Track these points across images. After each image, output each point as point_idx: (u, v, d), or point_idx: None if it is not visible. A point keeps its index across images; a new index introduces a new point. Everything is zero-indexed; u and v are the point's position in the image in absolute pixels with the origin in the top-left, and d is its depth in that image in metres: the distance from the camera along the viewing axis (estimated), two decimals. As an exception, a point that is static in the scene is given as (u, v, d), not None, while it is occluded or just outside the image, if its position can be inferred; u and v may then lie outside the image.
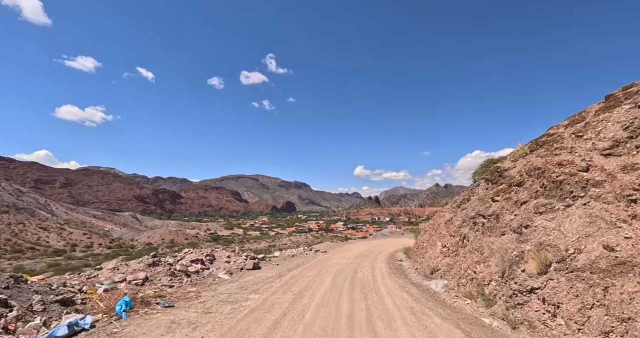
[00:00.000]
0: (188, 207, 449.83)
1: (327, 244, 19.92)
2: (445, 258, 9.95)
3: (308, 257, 13.71)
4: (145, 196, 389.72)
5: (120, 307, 4.65)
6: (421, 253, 13.24)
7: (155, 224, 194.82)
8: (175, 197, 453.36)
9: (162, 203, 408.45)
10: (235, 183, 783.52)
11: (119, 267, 6.91)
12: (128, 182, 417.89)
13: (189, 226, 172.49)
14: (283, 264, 11.24)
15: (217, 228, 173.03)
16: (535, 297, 5.23)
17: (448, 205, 15.17)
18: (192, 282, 7.19)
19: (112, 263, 7.09)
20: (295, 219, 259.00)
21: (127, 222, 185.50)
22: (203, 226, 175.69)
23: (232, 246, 72.10)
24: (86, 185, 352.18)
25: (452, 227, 10.55)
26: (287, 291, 6.88)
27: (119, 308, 4.63)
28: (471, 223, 9.22)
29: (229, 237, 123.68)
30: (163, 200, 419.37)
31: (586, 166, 6.52)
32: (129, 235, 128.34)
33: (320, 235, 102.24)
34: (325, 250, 16.18)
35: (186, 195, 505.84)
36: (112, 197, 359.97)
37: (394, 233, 36.41)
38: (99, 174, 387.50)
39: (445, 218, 12.88)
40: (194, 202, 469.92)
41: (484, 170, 13.09)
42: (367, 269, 10.62)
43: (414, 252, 15.29)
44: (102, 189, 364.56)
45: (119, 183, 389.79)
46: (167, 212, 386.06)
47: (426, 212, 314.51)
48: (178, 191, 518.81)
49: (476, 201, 10.29)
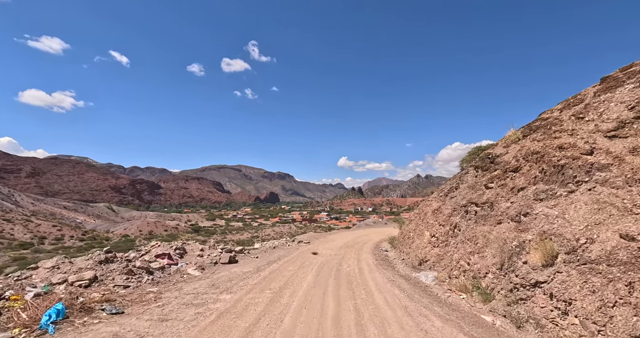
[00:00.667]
0: (168, 198, 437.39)
1: (310, 235, 19.26)
2: (434, 249, 9.47)
3: (290, 248, 12.97)
4: (121, 186, 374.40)
5: (47, 318, 3.67)
6: (407, 244, 12.81)
7: (132, 215, 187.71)
8: (154, 187, 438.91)
9: (139, 194, 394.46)
10: (217, 174, 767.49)
11: (60, 265, 5.79)
12: (102, 171, 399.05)
13: (168, 217, 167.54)
14: (263, 257, 10.43)
15: (199, 219, 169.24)
16: (541, 292, 4.71)
17: (434, 194, 14.78)
18: (154, 280, 6.24)
19: (52, 261, 5.95)
20: (279, 210, 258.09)
21: (101, 213, 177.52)
22: (183, 217, 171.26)
23: (214, 237, 70.36)
24: (56, 174, 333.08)
25: (441, 216, 10.06)
26: (265, 289, 6.09)
27: (45, 320, 3.65)
28: (462, 211, 8.73)
29: (211, 228, 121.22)
30: (141, 190, 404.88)
31: (590, 149, 6.03)
32: (103, 227, 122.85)
33: (304, 225, 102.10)
34: (309, 241, 15.50)
35: (165, 185, 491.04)
36: (85, 187, 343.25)
37: (377, 223, 36.42)
38: (69, 163, 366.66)
39: (432, 207, 12.45)
40: (174, 192, 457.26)
41: (472, 157, 12.67)
42: (353, 261, 10.01)
43: (399, 242, 14.90)
44: (74, 179, 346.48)
45: (93, 173, 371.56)
46: (146, 203, 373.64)
47: (407, 202, 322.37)
48: (157, 181, 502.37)
49: (466, 189, 9.81)
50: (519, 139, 9.29)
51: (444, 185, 14.27)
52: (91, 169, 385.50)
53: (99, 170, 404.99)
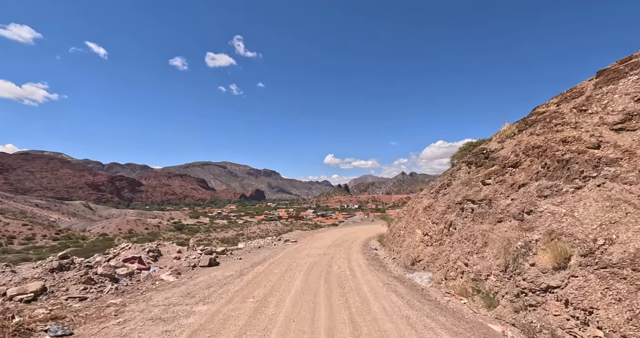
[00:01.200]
0: (149, 195, 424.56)
1: (297, 233, 18.62)
2: (428, 248, 9.05)
3: (276, 248, 12.29)
4: (99, 183, 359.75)
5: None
6: (398, 242, 12.42)
7: (111, 213, 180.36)
8: (135, 184, 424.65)
9: (119, 192, 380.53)
10: (201, 171, 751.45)
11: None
12: (79, 168, 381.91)
13: (150, 215, 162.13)
14: (247, 258, 9.71)
15: (182, 217, 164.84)
16: (553, 298, 4.28)
17: (424, 190, 14.45)
18: (119, 289, 5.43)
19: (-10, 271, 5.05)
20: (265, 207, 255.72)
21: (77, 211, 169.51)
22: (166, 215, 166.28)
23: (197, 235, 68.06)
24: (27, 171, 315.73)
25: (435, 214, 9.65)
26: (248, 297, 5.42)
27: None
28: (458, 209, 8.33)
29: (195, 226, 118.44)
30: (120, 188, 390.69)
31: (596, 142, 5.68)
32: (79, 226, 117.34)
33: (290, 223, 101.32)
34: (296, 240, 14.87)
35: (147, 182, 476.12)
36: (60, 184, 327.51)
37: (365, 220, 36.23)
38: (42, 159, 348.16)
39: (423, 204, 12.09)
40: (156, 190, 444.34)
41: (463, 153, 12.38)
42: (343, 261, 9.46)
43: (388, 240, 14.53)
44: (47, 176, 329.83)
45: (68, 169, 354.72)
46: (126, 201, 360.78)
47: (393, 199, 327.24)
48: (138, 178, 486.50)
49: (459, 185, 9.44)
50: (514, 133, 8.99)
51: (434, 182, 13.97)
52: (66, 165, 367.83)
53: (75, 166, 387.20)
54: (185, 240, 65.34)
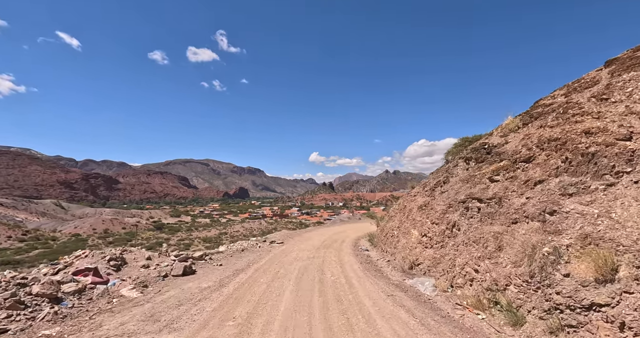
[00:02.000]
0: (127, 194, 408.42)
1: (283, 233, 17.59)
2: (427, 250, 8.31)
3: (261, 251, 11.25)
4: (72, 181, 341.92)
5: None
6: (391, 243, 11.69)
7: (85, 213, 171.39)
8: (112, 182, 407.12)
9: (94, 190, 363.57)
10: (182, 168, 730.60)
11: None
12: (49, 165, 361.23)
13: (128, 214, 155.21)
14: (228, 264, 8.63)
15: (162, 216, 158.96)
16: (601, 318, 3.55)
17: (416, 188, 13.83)
18: (60, 314, 4.25)
19: None
20: (249, 205, 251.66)
21: (47, 210, 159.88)
22: (145, 214, 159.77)
23: (178, 235, 64.84)
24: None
25: (433, 213, 8.93)
26: (227, 318, 4.41)
27: None
28: (461, 208, 7.61)
29: (175, 225, 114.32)
30: (96, 185, 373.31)
31: (627, 134, 5.04)
32: (49, 226, 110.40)
33: (275, 221, 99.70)
34: (282, 241, 13.86)
35: (125, 180, 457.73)
36: (29, 182, 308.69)
37: (352, 218, 35.64)
38: (8, 155, 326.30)
39: (418, 203, 11.42)
40: (135, 188, 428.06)
41: (459, 149, 11.80)
42: (336, 265, 8.59)
43: (380, 240, 13.81)
44: (14, 173, 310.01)
45: (37, 166, 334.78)
46: (102, 199, 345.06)
47: (377, 197, 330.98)
48: (115, 176, 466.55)
49: (459, 183, 8.76)
50: (518, 127, 8.39)
51: (427, 179, 13.36)
52: (35, 162, 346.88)
53: (45, 163, 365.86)
54: (165, 239, 62.42)
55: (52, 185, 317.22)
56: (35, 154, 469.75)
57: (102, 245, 56.89)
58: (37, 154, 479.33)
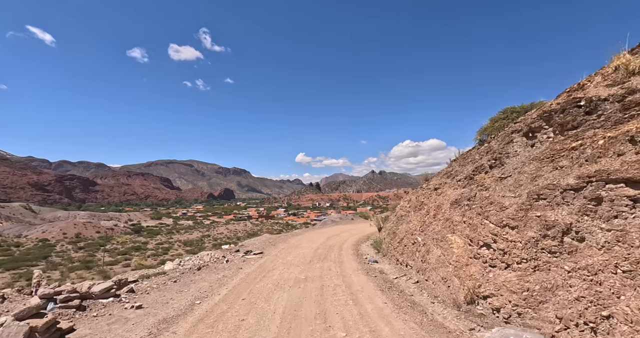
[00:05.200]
0: (106, 196, 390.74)
1: (264, 239, 13.98)
2: (501, 273, 5.00)
3: (228, 269, 7.75)
4: (45, 183, 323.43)
5: None
6: (413, 253, 8.44)
7: (57, 216, 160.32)
8: (89, 184, 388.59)
9: (69, 192, 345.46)
10: (165, 169, 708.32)
11: None
12: (19, 166, 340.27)
13: (104, 217, 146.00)
14: (156, 303, 4.96)
15: (142, 218, 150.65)
16: None
17: (435, 179, 10.72)
18: None
19: None
20: (234, 207, 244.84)
21: (13, 214, 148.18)
22: (123, 216, 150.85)
23: (157, 238, 59.52)
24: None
25: (498, 210, 5.66)
26: None
27: None
28: (577, 199, 4.35)
29: (155, 227, 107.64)
30: (71, 188, 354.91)
31: None
32: (13, 231, 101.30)
33: (261, 222, 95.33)
34: (262, 251, 10.35)
35: (103, 182, 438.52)
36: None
37: (343, 218, 32.42)
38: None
39: (449, 197, 8.27)
40: (114, 189, 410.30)
41: (504, 122, 8.74)
42: (344, 296, 5.22)
43: (392, 247, 10.56)
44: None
45: (6, 167, 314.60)
46: (78, 202, 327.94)
47: (363, 197, 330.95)
48: (92, 177, 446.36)
49: (533, 163, 5.60)
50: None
51: (450, 166, 10.27)
52: (4, 163, 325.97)
53: (15, 164, 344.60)
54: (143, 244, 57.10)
55: (22, 187, 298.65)
56: (4, 155, 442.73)
57: (72, 251, 51.20)
58: (6, 155, 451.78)
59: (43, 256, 42.89)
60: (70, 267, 35.52)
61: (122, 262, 39.00)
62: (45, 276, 5.88)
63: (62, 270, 33.55)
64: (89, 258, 40.83)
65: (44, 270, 34.43)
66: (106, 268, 33.83)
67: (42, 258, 40.63)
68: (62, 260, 40.25)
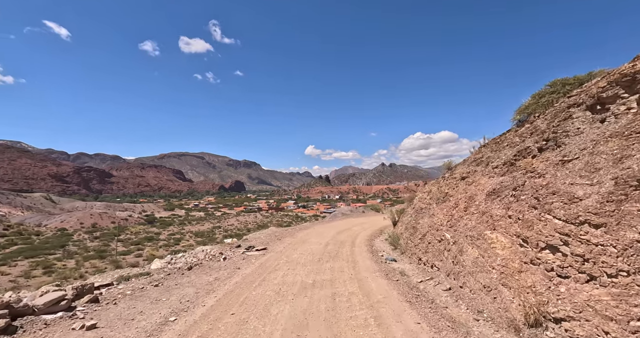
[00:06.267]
0: (121, 187, 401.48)
1: (269, 232, 12.95)
2: (581, 288, 3.67)
3: (224, 268, 6.71)
4: (64, 174, 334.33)
5: None
6: (440, 251, 7.18)
7: (75, 206, 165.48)
8: (105, 175, 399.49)
9: (87, 183, 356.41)
10: (177, 162, 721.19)
11: None
12: (40, 158, 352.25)
13: (119, 208, 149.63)
14: (123, 318, 3.85)
15: (155, 209, 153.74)
16: None
17: (462, 167, 9.36)
18: None
19: None
20: (245, 199, 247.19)
21: (34, 204, 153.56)
22: (137, 207, 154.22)
23: (169, 229, 59.98)
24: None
25: (563, 204, 4.28)
26: None
27: None
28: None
29: (168, 218, 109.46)
30: (88, 179, 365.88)
31: None
32: (34, 220, 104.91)
33: (270, 214, 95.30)
34: (265, 247, 9.31)
35: (118, 173, 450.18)
36: (18, 175, 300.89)
37: (354, 211, 31.24)
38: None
39: (483, 188, 7.00)
40: (128, 181, 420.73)
41: (554, 97, 7.28)
42: (362, 311, 4.06)
43: (412, 244, 9.32)
44: (3, 166, 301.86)
45: (27, 159, 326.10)
46: (94, 193, 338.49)
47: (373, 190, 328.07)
48: (108, 169, 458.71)
49: (617, 141, 4.20)
50: None
51: (481, 153, 8.87)
52: (25, 155, 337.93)
53: (36, 156, 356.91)
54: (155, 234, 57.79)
55: (42, 178, 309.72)
56: (26, 147, 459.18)
57: (88, 240, 52.23)
58: (27, 147, 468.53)
59: (60, 245, 43.71)
60: (85, 256, 35.97)
61: (134, 252, 39.24)
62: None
63: (77, 259, 33.94)
64: (103, 248, 41.28)
65: (60, 258, 34.89)
66: (119, 258, 34.01)
67: (59, 247, 41.34)
68: (78, 249, 40.85)
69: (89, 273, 27.75)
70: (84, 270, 29.54)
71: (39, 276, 27.02)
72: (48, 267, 29.74)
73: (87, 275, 26.10)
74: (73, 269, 28.96)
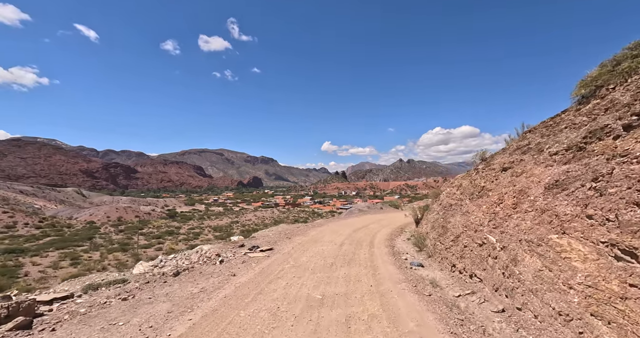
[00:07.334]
0: (145, 183, 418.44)
1: (279, 230, 11.88)
2: None
3: (218, 274, 5.67)
4: (93, 170, 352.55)
5: None
6: (488, 263, 5.77)
7: (103, 200, 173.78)
8: (130, 171, 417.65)
9: (114, 179, 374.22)
10: (197, 158, 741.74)
11: None
12: (72, 154, 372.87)
13: (143, 202, 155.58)
14: None
15: (177, 204, 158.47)
16: None
17: (502, 157, 7.83)
18: None
19: None
20: (262, 194, 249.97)
21: (67, 198, 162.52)
22: (160, 202, 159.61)
23: (189, 223, 61.09)
24: (19, 157, 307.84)
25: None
26: None
27: None
28: None
29: (189, 213, 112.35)
30: (115, 175, 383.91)
31: None
32: (66, 213, 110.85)
33: (287, 210, 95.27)
34: (271, 247, 8.23)
35: (143, 169, 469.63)
36: (53, 171, 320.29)
37: (372, 207, 29.74)
38: (34, 145, 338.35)
39: (539, 180, 5.56)
40: (152, 177, 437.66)
41: (638, 61, 5.63)
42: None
43: (443, 246, 7.93)
44: (40, 162, 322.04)
45: (61, 156, 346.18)
46: (121, 188, 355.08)
47: (390, 186, 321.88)
48: (133, 165, 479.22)
49: None
50: None
51: (523, 139, 7.31)
52: (59, 152, 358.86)
53: (69, 153, 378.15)
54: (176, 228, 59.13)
55: (75, 174, 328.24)
56: (60, 145, 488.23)
57: (113, 233, 54.17)
58: (61, 145, 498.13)
59: (88, 237, 45.39)
60: (109, 248, 36.95)
61: (155, 245, 39.94)
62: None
63: (102, 251, 34.87)
64: (126, 241, 42.34)
65: (87, 250, 36.02)
66: (140, 251, 34.62)
67: (87, 239, 42.88)
68: (103, 242, 42.13)
69: (111, 265, 28.22)
70: (107, 262, 30.17)
71: (65, 267, 27.76)
72: (75, 259, 30.67)
73: (110, 267, 26.47)
74: (97, 261, 29.64)
